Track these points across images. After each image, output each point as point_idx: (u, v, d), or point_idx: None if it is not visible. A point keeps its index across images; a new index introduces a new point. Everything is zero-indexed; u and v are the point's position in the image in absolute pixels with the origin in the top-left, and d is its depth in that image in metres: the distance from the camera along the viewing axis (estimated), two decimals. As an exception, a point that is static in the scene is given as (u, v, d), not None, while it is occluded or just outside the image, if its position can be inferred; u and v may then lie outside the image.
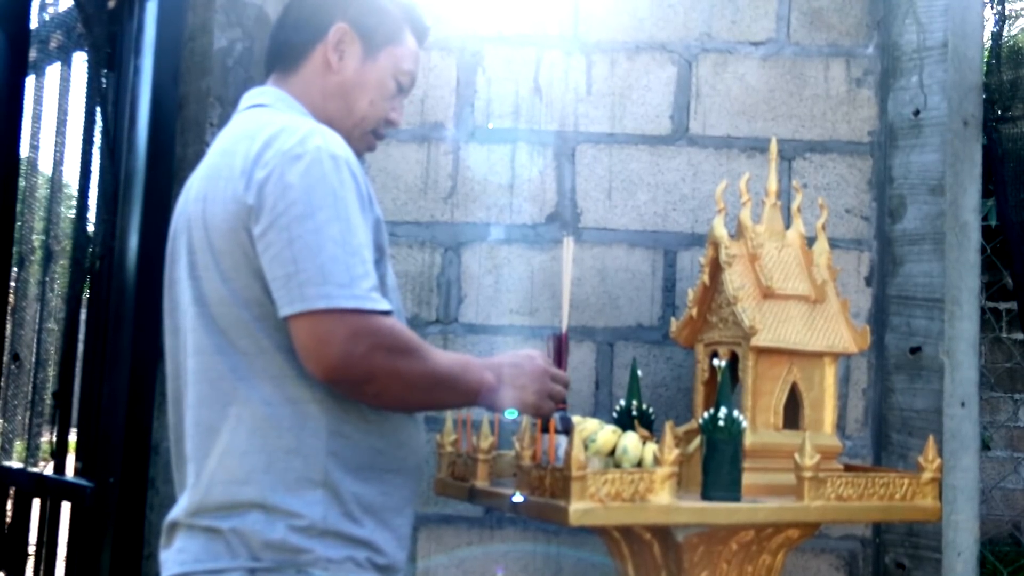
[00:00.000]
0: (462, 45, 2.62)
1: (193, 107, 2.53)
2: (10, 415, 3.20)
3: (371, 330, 1.47)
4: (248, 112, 1.71)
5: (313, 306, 1.46)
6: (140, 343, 2.46)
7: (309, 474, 1.54)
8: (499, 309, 2.55)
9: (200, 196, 1.61)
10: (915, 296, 2.49)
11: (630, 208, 2.58)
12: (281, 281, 1.49)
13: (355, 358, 1.46)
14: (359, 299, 1.47)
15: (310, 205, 1.49)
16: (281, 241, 1.48)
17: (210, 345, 1.56)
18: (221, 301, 1.56)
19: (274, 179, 1.51)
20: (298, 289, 1.47)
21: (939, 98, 2.50)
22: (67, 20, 3.02)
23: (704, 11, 2.62)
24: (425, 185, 2.59)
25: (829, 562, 2.50)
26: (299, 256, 1.47)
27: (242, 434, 1.54)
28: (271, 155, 1.53)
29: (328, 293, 1.46)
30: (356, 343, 1.46)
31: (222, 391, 1.55)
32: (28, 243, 3.26)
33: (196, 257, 1.59)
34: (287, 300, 1.48)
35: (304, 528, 1.52)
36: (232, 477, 1.54)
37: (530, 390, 1.72)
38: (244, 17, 2.53)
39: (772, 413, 2.06)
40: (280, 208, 1.49)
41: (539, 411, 1.76)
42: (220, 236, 1.55)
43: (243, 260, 1.54)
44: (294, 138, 1.54)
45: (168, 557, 1.60)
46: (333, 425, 1.56)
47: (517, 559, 2.50)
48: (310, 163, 1.51)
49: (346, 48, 1.73)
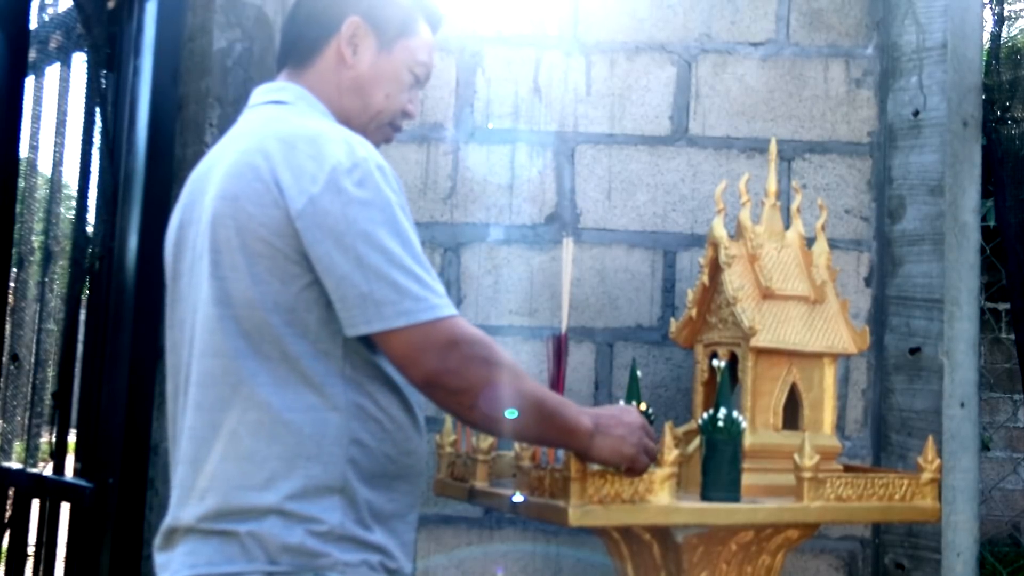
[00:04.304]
0: (462, 45, 2.62)
1: (192, 108, 2.53)
2: (9, 416, 3.20)
3: (462, 337, 1.49)
4: (267, 108, 1.68)
5: (392, 324, 1.47)
6: (139, 343, 2.46)
7: (328, 481, 1.53)
8: (499, 310, 2.55)
9: (228, 194, 1.55)
10: (914, 296, 2.49)
11: (630, 208, 2.58)
12: (354, 301, 1.48)
13: (451, 364, 1.48)
14: (436, 309, 1.49)
15: (371, 221, 1.49)
16: (349, 262, 1.48)
17: (231, 349, 1.54)
18: (249, 304, 1.53)
19: (330, 195, 1.49)
20: (375, 308, 1.47)
21: (938, 99, 2.50)
22: (67, 20, 3.02)
23: (704, 11, 2.62)
24: (424, 185, 2.59)
25: (828, 562, 2.51)
26: (370, 276, 1.47)
27: (261, 440, 1.53)
28: (317, 167, 1.51)
29: (407, 309, 1.47)
30: (450, 351, 1.48)
31: (241, 395, 1.54)
32: (27, 244, 3.26)
33: (222, 257, 1.55)
34: (363, 320, 1.48)
35: (323, 533, 1.51)
36: (250, 482, 1.52)
37: (629, 442, 1.68)
38: (244, 18, 2.53)
39: (771, 414, 2.07)
40: (342, 227, 1.48)
41: (635, 464, 1.70)
42: (257, 239, 1.52)
43: (282, 265, 1.52)
44: (340, 149, 1.52)
45: (171, 560, 1.58)
46: (353, 433, 1.55)
47: (517, 559, 2.50)
48: (363, 177, 1.51)
49: (360, 42, 1.71)
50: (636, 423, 1.69)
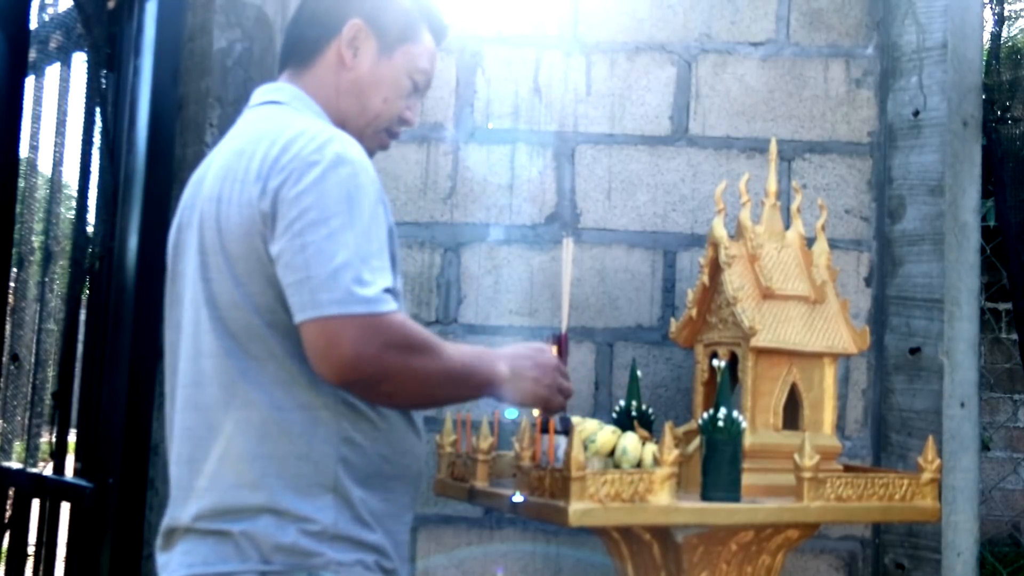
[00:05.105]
0: (462, 45, 2.62)
1: (193, 108, 2.53)
2: (9, 416, 3.20)
3: (381, 329, 1.46)
4: (262, 109, 1.70)
5: (324, 312, 1.45)
6: (139, 343, 2.46)
7: (320, 479, 1.53)
8: (499, 310, 2.56)
9: (214, 196, 1.58)
10: (915, 297, 2.49)
11: (630, 208, 2.58)
12: (294, 287, 1.48)
13: (367, 358, 1.45)
14: (369, 302, 1.46)
15: (324, 211, 1.48)
16: (294, 248, 1.48)
17: (220, 348, 1.55)
18: (233, 305, 1.55)
19: (289, 185, 1.50)
20: (310, 295, 1.46)
21: (939, 99, 2.50)
22: (67, 20, 3.02)
23: (704, 12, 2.62)
24: (425, 185, 2.59)
25: (829, 562, 2.50)
26: (311, 262, 1.46)
27: (252, 438, 1.53)
28: (287, 160, 1.51)
29: (340, 299, 1.45)
30: (367, 343, 1.45)
31: (232, 394, 1.55)
32: (28, 244, 3.26)
33: (208, 258, 1.57)
34: (300, 306, 1.47)
35: (316, 532, 1.52)
36: (242, 481, 1.53)
37: (542, 383, 1.71)
38: (243, 18, 2.53)
39: (771, 414, 2.06)
40: (293, 215, 1.48)
41: (549, 404, 1.74)
42: (234, 240, 1.54)
43: (257, 265, 1.53)
44: (312, 144, 1.53)
45: (170, 560, 1.60)
46: (344, 432, 1.55)
47: (517, 559, 2.50)
48: (325, 169, 1.50)
49: (361, 45, 1.71)
50: (550, 364, 1.72)
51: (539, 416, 1.85)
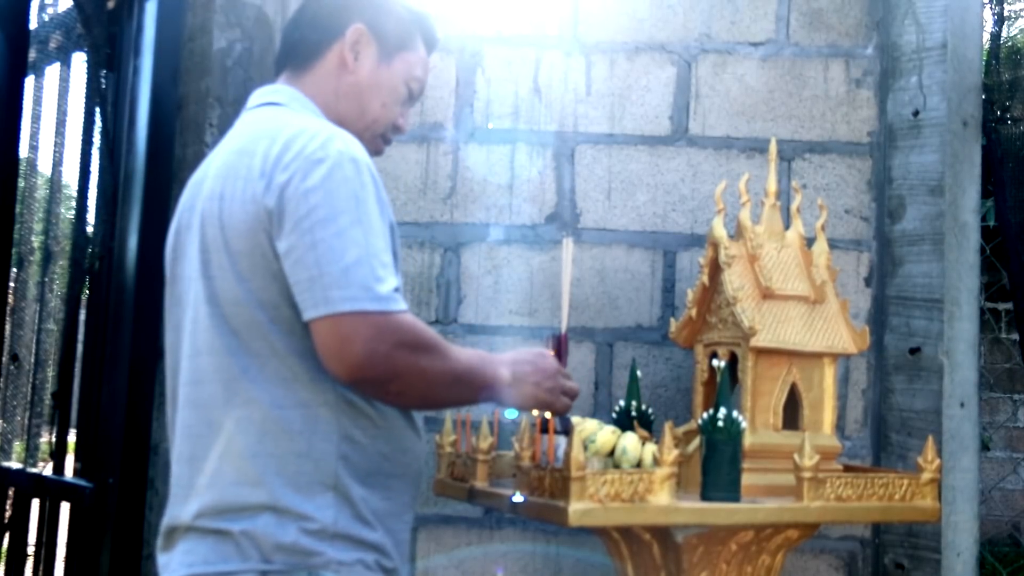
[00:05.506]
0: (461, 45, 2.62)
1: (192, 108, 2.53)
2: (9, 416, 3.20)
3: (393, 328, 1.47)
4: (261, 110, 1.70)
5: (337, 309, 1.46)
6: (139, 343, 2.46)
7: (320, 477, 1.54)
8: (498, 309, 2.56)
9: (215, 194, 1.59)
10: (914, 296, 2.49)
11: (629, 208, 2.58)
12: (305, 284, 1.48)
13: (379, 356, 1.46)
14: (382, 300, 1.47)
15: (332, 209, 1.49)
16: (304, 245, 1.48)
17: (222, 346, 1.56)
18: (236, 301, 1.55)
19: (295, 183, 1.50)
20: (322, 292, 1.47)
21: (938, 99, 2.50)
22: (67, 20, 3.02)
23: (704, 12, 2.62)
24: (424, 185, 2.59)
25: (828, 562, 2.51)
26: (322, 260, 1.47)
27: (252, 436, 1.54)
28: (291, 158, 1.52)
29: (352, 296, 1.46)
30: (379, 342, 1.46)
31: (233, 392, 1.55)
32: (27, 244, 3.26)
33: (210, 256, 1.58)
34: (311, 303, 1.48)
35: (316, 531, 1.52)
36: (242, 479, 1.53)
37: (544, 387, 1.73)
38: (243, 18, 2.53)
39: (771, 414, 2.06)
40: (302, 212, 1.49)
41: (552, 407, 1.77)
42: (238, 237, 1.54)
43: (261, 262, 1.53)
44: (315, 141, 1.53)
45: (171, 560, 1.60)
46: (344, 430, 1.56)
47: (516, 559, 2.50)
48: (332, 167, 1.51)
49: (362, 49, 1.73)
50: (550, 368, 1.75)
51: (539, 416, 1.85)
